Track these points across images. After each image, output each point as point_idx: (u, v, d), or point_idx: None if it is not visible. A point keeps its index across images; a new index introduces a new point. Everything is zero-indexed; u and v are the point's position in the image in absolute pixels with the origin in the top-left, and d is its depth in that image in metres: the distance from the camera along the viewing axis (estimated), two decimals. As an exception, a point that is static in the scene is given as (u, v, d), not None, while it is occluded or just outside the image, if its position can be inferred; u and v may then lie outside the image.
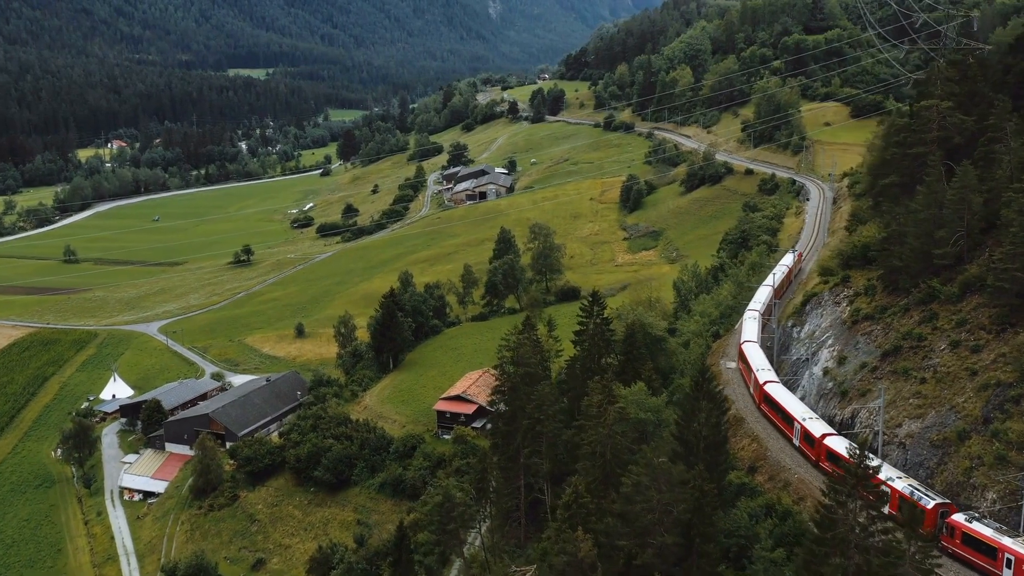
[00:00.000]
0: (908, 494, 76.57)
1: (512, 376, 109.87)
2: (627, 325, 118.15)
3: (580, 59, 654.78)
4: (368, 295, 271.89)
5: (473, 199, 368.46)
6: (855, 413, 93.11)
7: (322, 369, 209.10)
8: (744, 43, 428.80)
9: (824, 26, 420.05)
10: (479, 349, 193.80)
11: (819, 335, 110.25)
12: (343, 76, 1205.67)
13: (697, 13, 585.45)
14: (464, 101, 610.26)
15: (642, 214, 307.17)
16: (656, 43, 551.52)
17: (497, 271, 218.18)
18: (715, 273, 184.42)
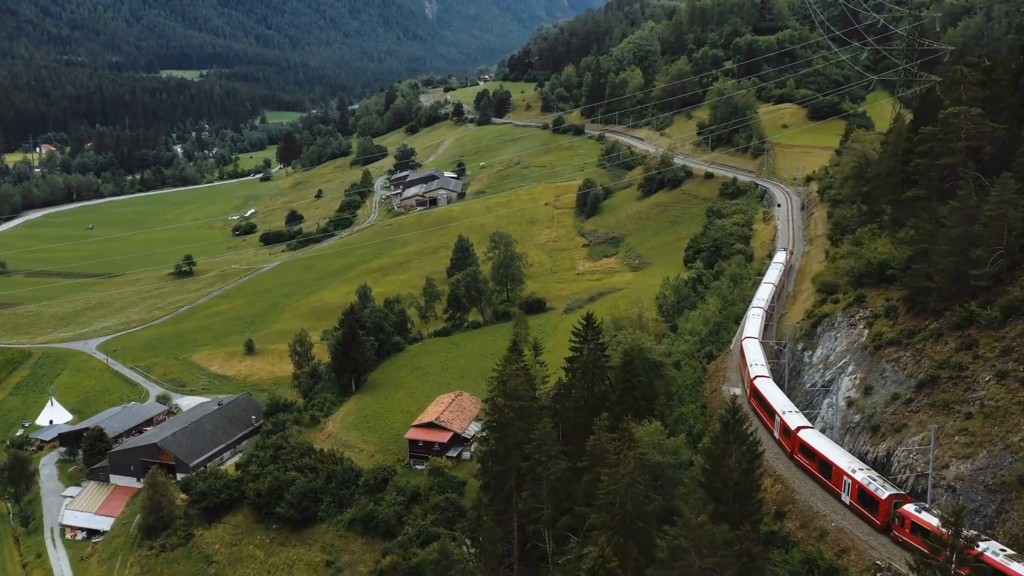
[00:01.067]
0: (866, 484, 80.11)
1: (504, 411, 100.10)
2: (624, 351, 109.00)
3: (524, 60, 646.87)
4: (319, 308, 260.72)
5: (424, 205, 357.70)
6: (891, 451, 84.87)
7: (277, 391, 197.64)
8: (694, 44, 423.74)
9: (773, 27, 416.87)
10: (446, 367, 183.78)
11: (835, 360, 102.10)
12: (279, 77, 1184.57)
13: (642, 14, 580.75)
14: (407, 103, 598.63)
15: (600, 220, 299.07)
16: (601, 44, 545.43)
17: (460, 283, 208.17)
18: (693, 285, 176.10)
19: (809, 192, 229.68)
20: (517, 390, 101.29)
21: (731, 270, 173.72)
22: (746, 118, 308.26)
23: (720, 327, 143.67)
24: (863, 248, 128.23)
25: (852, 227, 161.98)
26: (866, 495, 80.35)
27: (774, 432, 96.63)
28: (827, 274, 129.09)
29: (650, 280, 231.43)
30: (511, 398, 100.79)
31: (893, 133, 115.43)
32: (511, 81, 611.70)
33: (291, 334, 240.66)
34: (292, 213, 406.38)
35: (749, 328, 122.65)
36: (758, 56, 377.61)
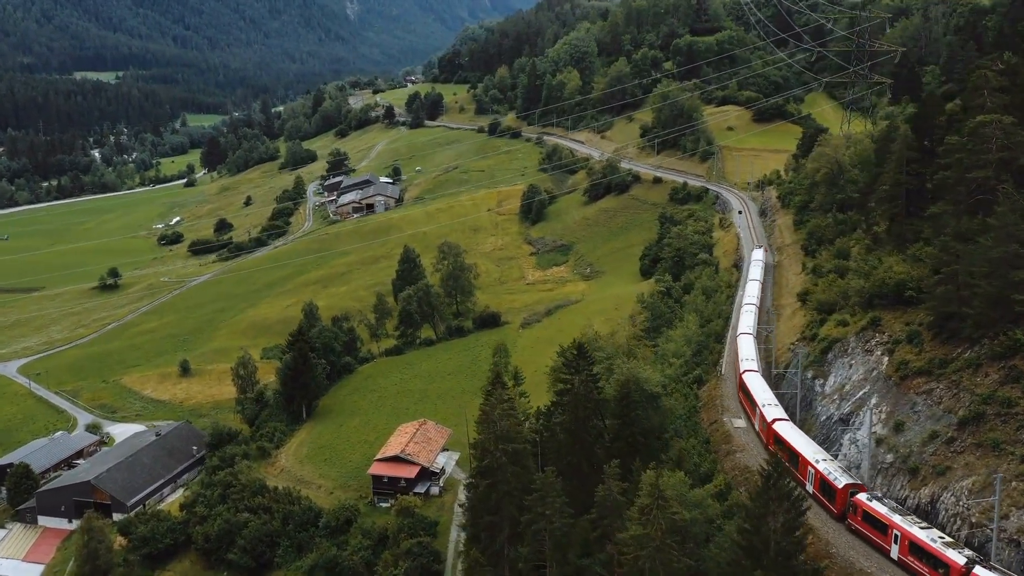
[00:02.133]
0: (826, 474, 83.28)
1: (496, 455, 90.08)
2: (620, 382, 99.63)
3: (454, 61, 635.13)
4: (257, 324, 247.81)
5: (360, 212, 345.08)
6: (936, 497, 76.72)
7: (219, 417, 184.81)
8: (631, 45, 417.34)
9: (709, 28, 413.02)
10: (402, 390, 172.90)
11: (852, 390, 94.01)
12: (199, 79, 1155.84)
13: (573, 14, 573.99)
14: (336, 106, 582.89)
15: (546, 226, 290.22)
16: (533, 45, 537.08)
17: (412, 299, 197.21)
18: (662, 298, 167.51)
19: (768, 198, 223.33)
20: (509, 432, 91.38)
21: (702, 282, 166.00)
22: (693, 121, 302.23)
23: (702, 347, 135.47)
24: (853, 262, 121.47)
25: (829, 237, 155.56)
26: (826, 484, 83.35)
27: (755, 424, 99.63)
28: (820, 290, 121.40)
29: (605, 290, 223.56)
30: (502, 440, 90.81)
31: (896, 142, 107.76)
32: (442, 83, 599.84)
33: (229, 353, 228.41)
34: (221, 221, 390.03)
35: (744, 323, 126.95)
36: (698, 57, 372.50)
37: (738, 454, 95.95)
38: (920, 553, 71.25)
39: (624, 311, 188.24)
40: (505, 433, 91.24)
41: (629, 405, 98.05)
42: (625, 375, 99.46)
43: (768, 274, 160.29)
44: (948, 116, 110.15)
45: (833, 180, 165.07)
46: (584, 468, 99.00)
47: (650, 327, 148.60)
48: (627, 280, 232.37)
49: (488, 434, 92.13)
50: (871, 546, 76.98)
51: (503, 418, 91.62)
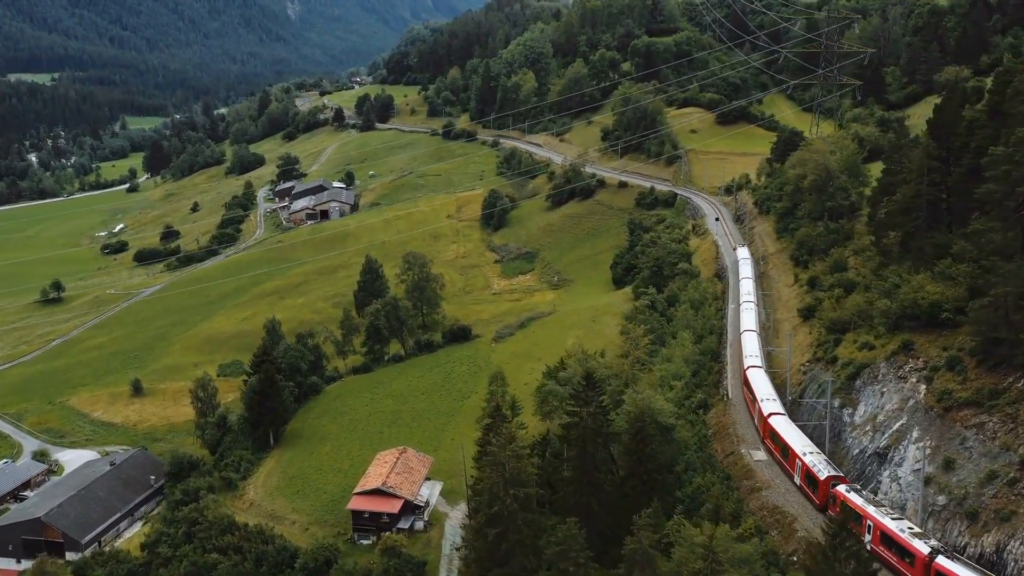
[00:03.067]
0: (811, 466, 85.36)
1: (505, 502, 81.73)
2: (632, 415, 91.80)
3: (402, 62, 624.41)
4: (212, 338, 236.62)
5: (314, 219, 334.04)
6: (1002, 546, 69.77)
7: (176, 443, 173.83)
8: (587, 46, 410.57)
9: (665, 28, 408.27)
10: (374, 412, 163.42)
11: (886, 421, 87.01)
12: (138, 81, 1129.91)
13: (523, 15, 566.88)
14: (283, 108, 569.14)
15: (509, 232, 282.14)
16: (484, 46, 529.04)
17: (379, 313, 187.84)
18: (648, 312, 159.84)
19: (743, 203, 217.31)
20: (519, 475, 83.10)
21: (689, 295, 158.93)
22: (656, 124, 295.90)
23: (699, 366, 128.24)
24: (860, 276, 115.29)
25: (821, 247, 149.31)
26: (810, 476, 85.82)
27: (754, 419, 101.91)
28: (830, 308, 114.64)
29: (578, 300, 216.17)
30: (512, 484, 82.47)
31: (917, 151, 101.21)
32: (391, 84, 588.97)
33: (183, 370, 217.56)
34: (167, 228, 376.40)
35: (746, 320, 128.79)
36: (657, 58, 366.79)
37: (764, 492, 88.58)
38: (890, 543, 73.24)
39: (602, 324, 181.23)
40: (515, 477, 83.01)
41: (643, 440, 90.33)
42: (638, 407, 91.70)
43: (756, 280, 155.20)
44: (968, 123, 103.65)
45: (821, 187, 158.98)
46: (594, 508, 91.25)
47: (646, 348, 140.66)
48: (598, 289, 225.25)
49: (496, 478, 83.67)
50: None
51: (512, 460, 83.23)
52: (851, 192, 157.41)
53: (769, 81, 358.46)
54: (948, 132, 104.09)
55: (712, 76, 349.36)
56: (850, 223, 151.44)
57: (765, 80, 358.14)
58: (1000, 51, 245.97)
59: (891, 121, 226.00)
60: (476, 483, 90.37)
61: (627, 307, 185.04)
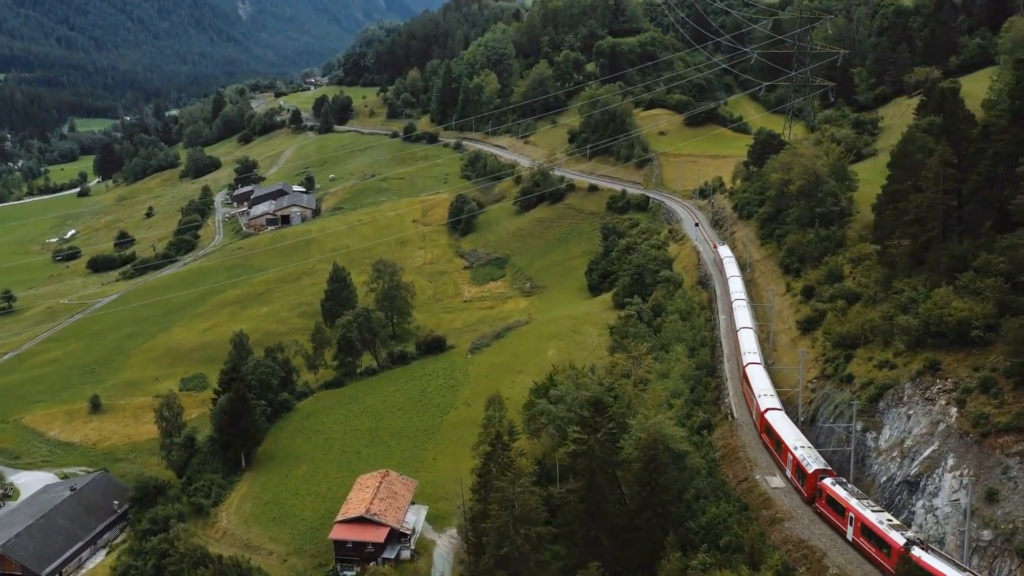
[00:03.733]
0: (800, 459, 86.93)
1: (516, 542, 75.58)
2: (644, 442, 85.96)
3: (359, 63, 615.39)
4: (173, 350, 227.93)
5: (275, 224, 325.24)
6: (1060, 587, 64.87)
7: (139, 463, 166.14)
8: (550, 47, 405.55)
9: (628, 29, 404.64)
10: (349, 430, 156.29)
11: (915, 447, 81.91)
12: (86, 82, 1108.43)
13: (481, 15, 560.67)
14: (238, 110, 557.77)
15: (478, 238, 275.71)
16: (443, 46, 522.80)
17: (351, 325, 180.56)
18: (634, 323, 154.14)
19: (720, 208, 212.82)
20: (530, 514, 77.00)
21: (676, 305, 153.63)
22: (625, 126, 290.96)
23: (696, 382, 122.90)
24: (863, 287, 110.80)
25: (813, 255, 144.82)
26: (799, 470, 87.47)
27: (752, 414, 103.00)
28: (836, 321, 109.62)
29: (553, 308, 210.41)
30: (523, 523, 76.34)
31: (934, 158, 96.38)
32: (347, 86, 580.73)
33: (143, 384, 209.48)
34: (121, 234, 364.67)
35: (740, 318, 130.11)
36: (622, 59, 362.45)
37: (786, 523, 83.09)
38: (869, 534, 75.33)
39: (583, 334, 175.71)
40: (525, 515, 76.96)
41: (657, 469, 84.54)
42: (651, 434, 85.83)
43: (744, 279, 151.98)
44: (983, 127, 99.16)
45: (810, 192, 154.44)
46: (603, 541, 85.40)
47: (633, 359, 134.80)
48: (573, 296, 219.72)
49: (506, 517, 77.47)
50: (834, 529, 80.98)
51: (522, 496, 77.06)
52: (840, 197, 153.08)
53: (733, 82, 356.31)
54: (961, 137, 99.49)
55: (678, 77, 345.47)
56: (841, 229, 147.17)
57: (729, 81, 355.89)
58: (968, 52, 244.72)
59: (865, 123, 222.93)
60: (477, 517, 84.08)
61: (606, 316, 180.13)
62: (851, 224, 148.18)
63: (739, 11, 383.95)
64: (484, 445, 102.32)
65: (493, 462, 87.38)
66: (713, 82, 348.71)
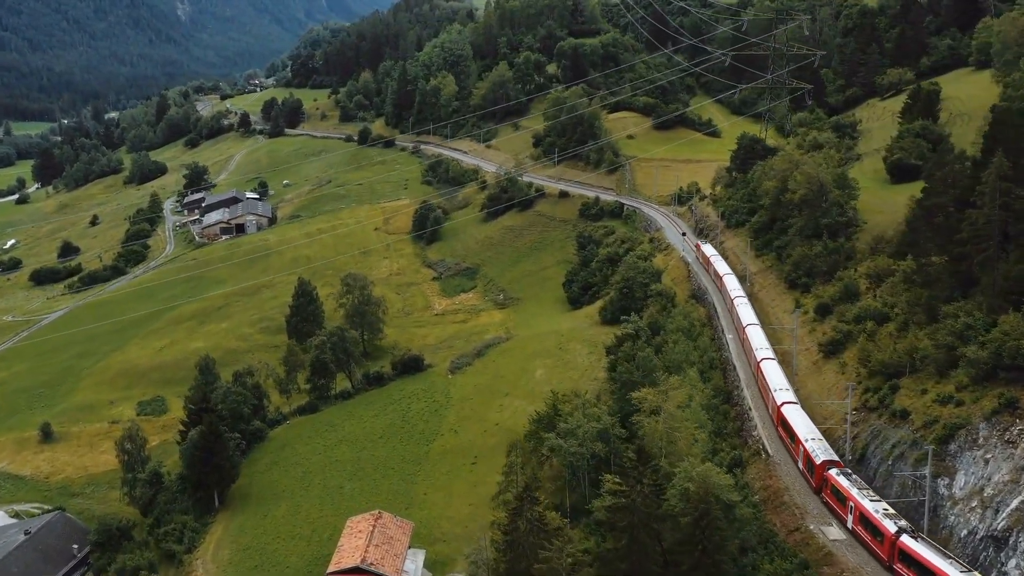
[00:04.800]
0: (810, 451, 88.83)
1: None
2: (696, 497, 76.79)
3: (307, 64, 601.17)
4: (128, 371, 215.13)
5: (230, 233, 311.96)
6: None
7: (98, 499, 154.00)
8: (508, 48, 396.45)
9: (587, 29, 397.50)
10: (330, 462, 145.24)
11: (998, 496, 73.59)
12: (20, 84, 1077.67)
13: (432, 15, 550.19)
14: (183, 113, 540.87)
15: (445, 246, 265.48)
16: (395, 47, 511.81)
17: (325, 346, 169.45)
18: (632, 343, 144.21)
19: (703, 216, 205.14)
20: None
21: (676, 322, 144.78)
22: (595, 130, 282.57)
23: (715, 410, 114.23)
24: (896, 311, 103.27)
25: (822, 269, 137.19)
26: (809, 461, 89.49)
27: (768, 408, 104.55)
28: (874, 346, 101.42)
29: (532, 323, 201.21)
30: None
31: (990, 171, 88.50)
32: (296, 87, 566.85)
33: (97, 409, 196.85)
34: (65, 244, 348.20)
35: (745, 315, 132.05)
36: (584, 60, 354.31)
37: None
38: (866, 523, 77.94)
39: (571, 352, 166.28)
40: None
41: (709, 526, 75.45)
42: (700, 485, 76.74)
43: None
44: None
45: (814, 202, 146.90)
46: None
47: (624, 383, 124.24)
48: (551, 309, 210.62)
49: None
50: (838, 519, 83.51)
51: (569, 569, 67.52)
52: (846, 207, 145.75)
53: (695, 84, 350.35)
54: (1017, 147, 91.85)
55: (642, 80, 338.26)
56: (849, 241, 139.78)
57: (691, 83, 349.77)
58: (939, 53, 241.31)
59: (845, 126, 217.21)
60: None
61: (593, 333, 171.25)
62: (857, 235, 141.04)
63: (698, 11, 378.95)
64: (506, 494, 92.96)
65: (522, 518, 78.00)
66: (676, 84, 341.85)
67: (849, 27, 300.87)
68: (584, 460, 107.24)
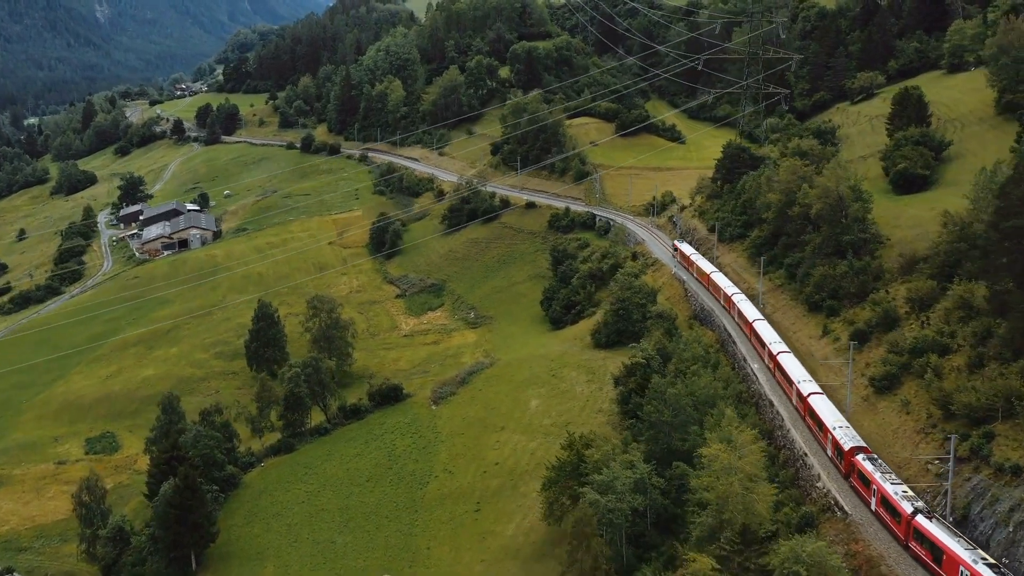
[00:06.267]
0: (838, 438, 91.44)
1: None
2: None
3: (240, 69, 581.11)
4: (71, 403, 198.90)
5: (172, 248, 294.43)
6: None
7: (50, 554, 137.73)
8: (456, 51, 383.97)
9: (536, 33, 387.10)
10: (314, 511, 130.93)
11: None
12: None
13: (369, 18, 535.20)
14: (112, 120, 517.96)
15: (406, 261, 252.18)
16: (333, 51, 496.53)
17: (299, 378, 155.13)
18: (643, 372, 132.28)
19: (688, 228, 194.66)
20: None
21: (693, 350, 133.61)
22: (558, 137, 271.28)
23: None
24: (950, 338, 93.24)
25: (850, 291, 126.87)
26: (837, 447, 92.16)
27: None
28: (956, 388, 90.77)
29: (510, 344, 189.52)
30: None
31: None
32: (228, 92, 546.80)
33: (41, 447, 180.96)
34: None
35: (748, 311, 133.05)
36: (538, 64, 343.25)
37: None
38: (887, 505, 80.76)
39: (566, 379, 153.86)
40: None
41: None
42: (816, 571, 65.07)
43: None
44: None
45: (833, 217, 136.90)
46: None
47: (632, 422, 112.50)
48: (528, 329, 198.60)
49: None
50: (863, 502, 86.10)
51: None
52: (868, 222, 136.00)
53: (648, 88, 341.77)
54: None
55: (598, 84, 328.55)
56: (875, 260, 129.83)
57: (644, 87, 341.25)
58: (907, 56, 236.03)
59: (826, 132, 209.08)
60: None
61: (588, 358, 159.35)
62: (880, 253, 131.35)
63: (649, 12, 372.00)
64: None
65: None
66: (631, 88, 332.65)
67: (808, 30, 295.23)
68: (624, 517, 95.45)
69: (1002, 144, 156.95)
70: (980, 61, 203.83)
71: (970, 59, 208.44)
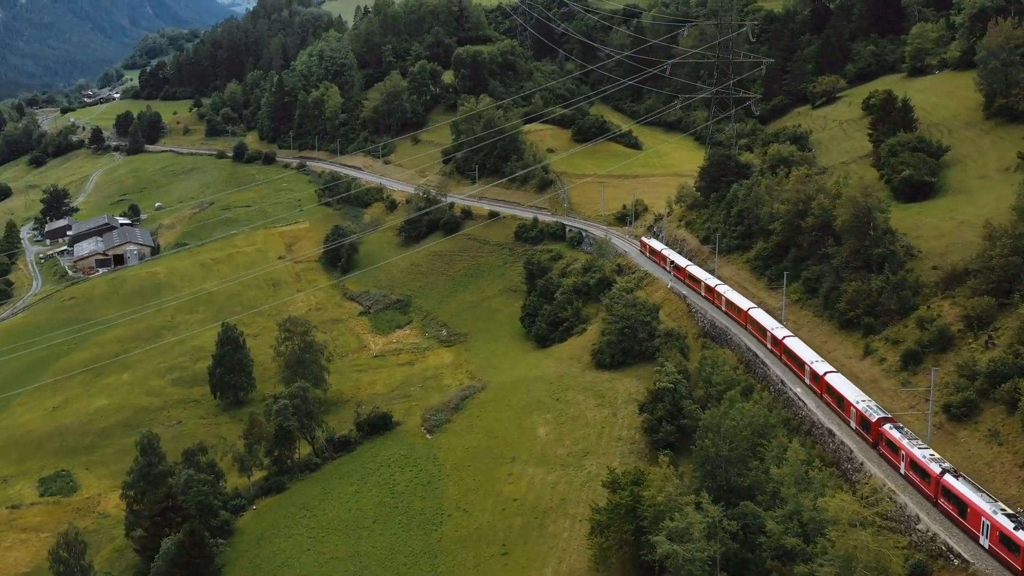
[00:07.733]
0: (863, 411, 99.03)
1: None
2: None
3: (157, 75, 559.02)
4: (18, 439, 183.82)
5: (107, 265, 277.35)
6: None
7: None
8: (393, 56, 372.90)
9: (473, 37, 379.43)
10: (322, 559, 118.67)
11: None
12: None
13: (291, 23, 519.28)
14: (24, 128, 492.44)
15: (365, 276, 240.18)
16: (257, 57, 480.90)
17: (288, 411, 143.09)
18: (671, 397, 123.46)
19: (675, 239, 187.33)
20: None
21: (724, 374, 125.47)
22: (517, 144, 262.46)
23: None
24: None
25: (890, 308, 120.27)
26: (863, 419, 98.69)
27: (804, 379, 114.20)
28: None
29: (491, 362, 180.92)
30: None
31: None
32: (146, 99, 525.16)
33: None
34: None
35: (739, 301, 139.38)
36: (483, 69, 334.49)
37: None
38: (916, 468, 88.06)
39: (572, 403, 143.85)
40: None
41: None
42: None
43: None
44: None
45: (860, 230, 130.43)
46: None
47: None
48: (509, 347, 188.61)
49: None
50: (892, 467, 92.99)
51: None
52: (898, 234, 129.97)
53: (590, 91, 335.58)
54: None
55: (546, 90, 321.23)
56: (910, 274, 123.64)
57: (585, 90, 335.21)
58: (864, 60, 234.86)
59: (800, 137, 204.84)
60: None
61: (593, 379, 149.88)
62: (911, 266, 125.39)
63: (585, 16, 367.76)
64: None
65: None
66: (575, 92, 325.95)
67: (757, 34, 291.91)
68: (704, 569, 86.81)
69: (1001, 149, 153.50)
70: (945, 64, 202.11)
71: (933, 62, 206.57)
